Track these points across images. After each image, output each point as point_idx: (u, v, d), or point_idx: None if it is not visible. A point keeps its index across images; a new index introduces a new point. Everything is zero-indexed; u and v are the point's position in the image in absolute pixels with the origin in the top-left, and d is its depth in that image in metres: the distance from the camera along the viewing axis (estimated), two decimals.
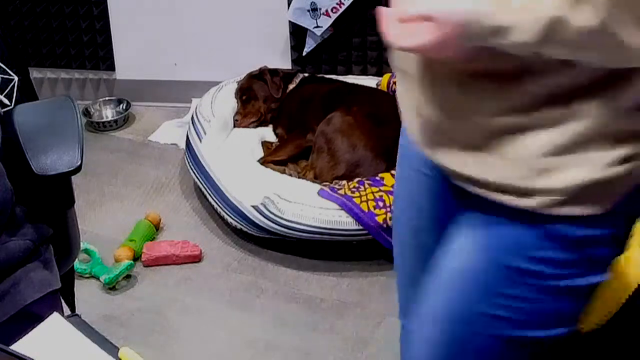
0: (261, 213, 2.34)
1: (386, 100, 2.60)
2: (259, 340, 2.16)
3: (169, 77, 3.23)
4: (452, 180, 1.06)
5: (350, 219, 2.28)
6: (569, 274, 1.04)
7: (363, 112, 2.54)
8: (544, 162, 0.97)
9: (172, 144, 3.06)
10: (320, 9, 2.88)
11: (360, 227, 2.28)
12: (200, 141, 2.66)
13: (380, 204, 2.29)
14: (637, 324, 1.32)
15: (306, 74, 2.92)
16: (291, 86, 2.86)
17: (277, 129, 2.80)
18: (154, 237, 2.54)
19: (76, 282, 1.60)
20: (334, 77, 2.96)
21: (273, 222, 2.32)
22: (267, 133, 2.80)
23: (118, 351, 0.93)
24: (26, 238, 1.23)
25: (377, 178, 2.38)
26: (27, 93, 2.36)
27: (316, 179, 2.49)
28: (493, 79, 0.95)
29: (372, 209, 2.27)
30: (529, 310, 1.07)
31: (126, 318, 2.24)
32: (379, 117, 2.52)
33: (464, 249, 1.11)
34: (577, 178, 0.96)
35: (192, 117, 2.80)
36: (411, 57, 1.02)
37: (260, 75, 2.87)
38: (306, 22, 2.93)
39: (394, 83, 2.73)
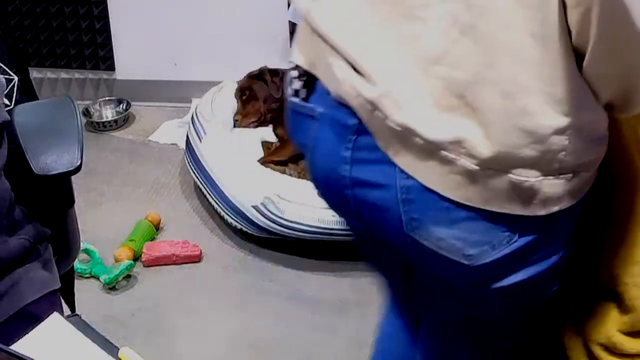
0: (261, 213, 2.33)
1: None
2: (259, 340, 2.16)
3: (169, 77, 3.23)
4: None
5: None
6: None
7: None
8: None
9: (172, 144, 3.06)
10: None
11: None
12: (200, 141, 2.65)
13: None
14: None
15: None
16: None
17: (277, 129, 2.80)
18: (154, 237, 2.54)
19: (76, 282, 1.59)
20: None
21: (273, 222, 2.32)
22: (267, 133, 2.80)
23: (118, 351, 0.93)
24: (23, 237, 1.23)
25: None
26: (27, 93, 2.36)
27: None
28: None
29: None
30: None
31: (126, 318, 2.24)
32: None
33: None
34: None
35: (192, 117, 2.80)
36: None
37: (260, 75, 2.87)
38: None
39: None
